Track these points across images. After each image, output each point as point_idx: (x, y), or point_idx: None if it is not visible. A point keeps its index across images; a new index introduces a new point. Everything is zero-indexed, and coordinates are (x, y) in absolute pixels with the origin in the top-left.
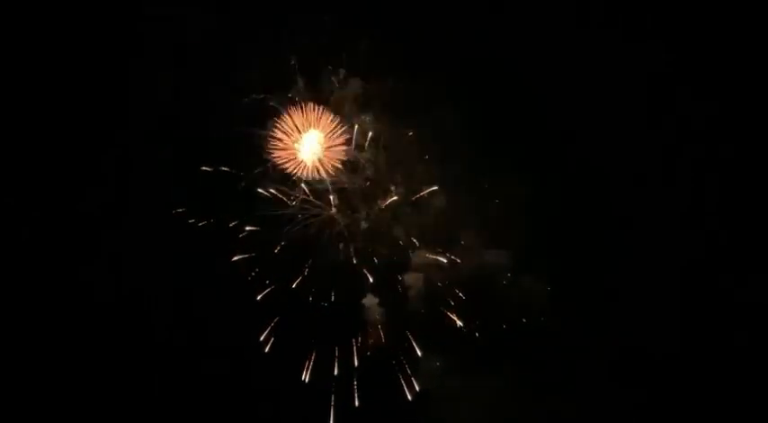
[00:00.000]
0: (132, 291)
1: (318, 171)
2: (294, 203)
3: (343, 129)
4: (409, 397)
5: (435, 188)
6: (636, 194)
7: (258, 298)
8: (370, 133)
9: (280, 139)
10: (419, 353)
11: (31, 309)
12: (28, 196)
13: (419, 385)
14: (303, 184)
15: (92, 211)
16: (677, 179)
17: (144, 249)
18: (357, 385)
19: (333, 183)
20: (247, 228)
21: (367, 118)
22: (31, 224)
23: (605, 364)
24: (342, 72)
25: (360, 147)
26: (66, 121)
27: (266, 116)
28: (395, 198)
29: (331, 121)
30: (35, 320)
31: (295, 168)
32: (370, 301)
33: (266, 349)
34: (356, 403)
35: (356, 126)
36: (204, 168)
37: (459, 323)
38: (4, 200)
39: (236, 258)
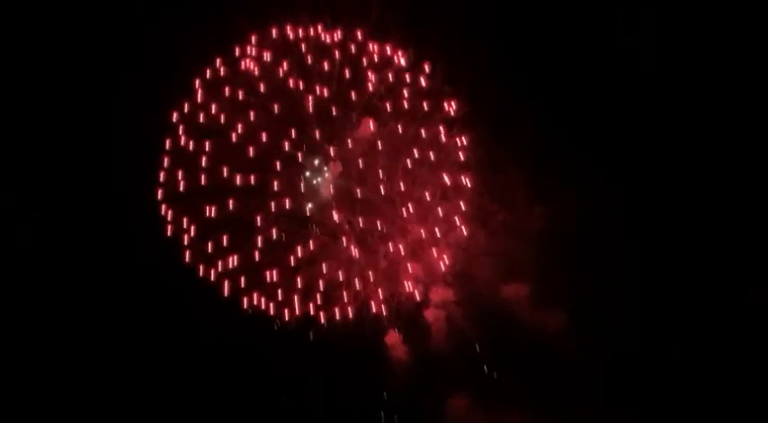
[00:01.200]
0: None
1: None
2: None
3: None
4: None
5: (456, 225)
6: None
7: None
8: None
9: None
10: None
11: (31, 307)
12: (28, 196)
13: None
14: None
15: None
16: (683, 206)
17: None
18: None
19: (350, 223)
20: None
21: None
22: (31, 224)
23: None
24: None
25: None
26: (66, 123)
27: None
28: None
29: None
30: (35, 319)
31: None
32: (392, 339)
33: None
34: None
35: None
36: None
37: (483, 363)
38: (4, 200)
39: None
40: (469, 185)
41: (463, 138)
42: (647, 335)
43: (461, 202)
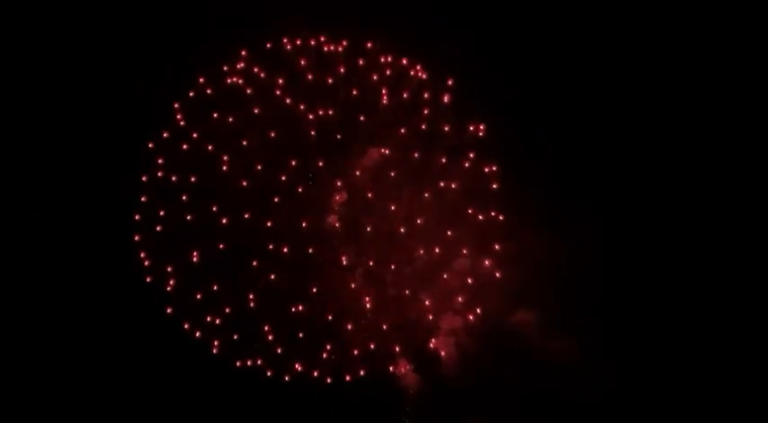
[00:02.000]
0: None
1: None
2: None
3: None
4: None
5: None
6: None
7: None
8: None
9: None
10: None
11: (31, 307)
12: (28, 196)
13: None
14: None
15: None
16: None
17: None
18: None
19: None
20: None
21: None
22: (31, 224)
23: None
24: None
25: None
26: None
27: None
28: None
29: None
30: (34, 318)
31: None
32: (403, 368)
33: None
34: None
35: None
36: None
37: (494, 385)
38: (4, 200)
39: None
40: (501, 218)
41: (493, 167)
42: (660, 360)
43: (495, 244)
